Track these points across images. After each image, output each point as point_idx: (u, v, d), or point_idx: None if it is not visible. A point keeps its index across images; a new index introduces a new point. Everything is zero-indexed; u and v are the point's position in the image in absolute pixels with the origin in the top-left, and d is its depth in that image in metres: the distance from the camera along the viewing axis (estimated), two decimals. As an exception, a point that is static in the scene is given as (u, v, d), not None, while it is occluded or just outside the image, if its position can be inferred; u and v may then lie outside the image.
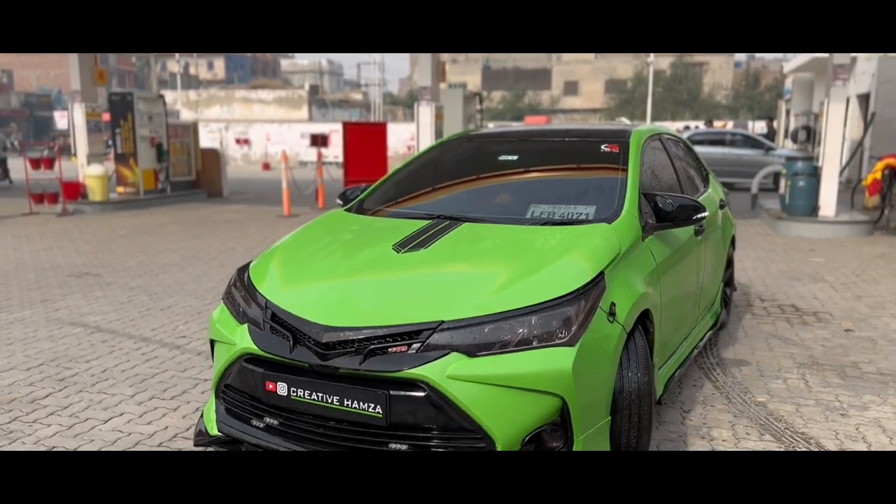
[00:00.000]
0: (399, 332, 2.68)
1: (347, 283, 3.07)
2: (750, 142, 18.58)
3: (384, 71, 55.34)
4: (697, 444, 3.51)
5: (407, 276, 3.05)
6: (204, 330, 5.46)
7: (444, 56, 23.63)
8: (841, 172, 11.39)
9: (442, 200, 4.09)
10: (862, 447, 3.46)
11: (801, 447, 3.47)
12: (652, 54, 38.28)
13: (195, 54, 63.56)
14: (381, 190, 4.24)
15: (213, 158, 16.77)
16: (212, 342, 3.25)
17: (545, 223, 3.49)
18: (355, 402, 2.67)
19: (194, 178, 16.33)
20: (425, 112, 11.81)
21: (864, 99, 18.93)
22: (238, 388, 3.00)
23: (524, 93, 51.46)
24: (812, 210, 10.64)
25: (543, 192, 3.95)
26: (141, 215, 12.91)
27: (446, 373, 2.58)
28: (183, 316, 5.89)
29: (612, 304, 2.88)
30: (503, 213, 3.76)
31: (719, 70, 52.77)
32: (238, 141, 36.79)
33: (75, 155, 14.33)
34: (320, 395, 2.73)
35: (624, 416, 2.94)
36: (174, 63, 49.20)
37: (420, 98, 11.96)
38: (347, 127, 9.94)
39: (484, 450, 2.63)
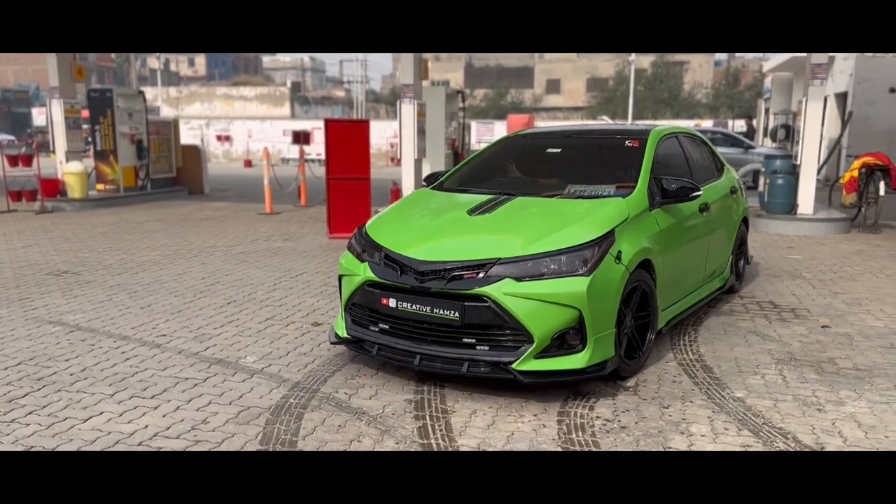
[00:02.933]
0: (471, 265, 4.00)
1: (436, 235, 4.43)
2: (729, 140, 18.74)
3: (367, 68, 55.27)
4: (676, 440, 3.55)
5: (476, 231, 4.41)
6: (184, 328, 5.44)
7: (427, 54, 23.63)
8: (819, 171, 11.53)
9: (502, 181, 5.43)
10: (838, 442, 3.52)
11: (779, 442, 3.51)
12: (633, 53, 38.49)
13: (176, 50, 63.12)
14: (457, 174, 5.61)
15: (194, 155, 16.65)
16: (340, 277, 4.63)
17: (577, 197, 4.73)
18: (441, 309, 4.00)
19: (175, 175, 16.21)
20: (408, 110, 11.80)
21: (841, 98, 19.17)
22: (361, 305, 4.40)
23: (507, 91, 51.48)
24: (790, 208, 10.76)
25: (578, 175, 5.18)
26: (121, 213, 12.79)
27: (502, 291, 3.87)
28: (163, 314, 5.85)
29: (619, 251, 4.15)
30: (547, 190, 4.98)
31: (700, 69, 53.13)
32: (219, 138, 36.55)
33: (53, 152, 14.17)
34: (418, 306, 4.08)
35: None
36: (154, 60, 48.75)
37: (402, 96, 11.94)
38: (329, 124, 9.87)
39: (523, 342, 3.90)
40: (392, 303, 4.18)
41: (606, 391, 4.17)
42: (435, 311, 4.02)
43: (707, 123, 32.69)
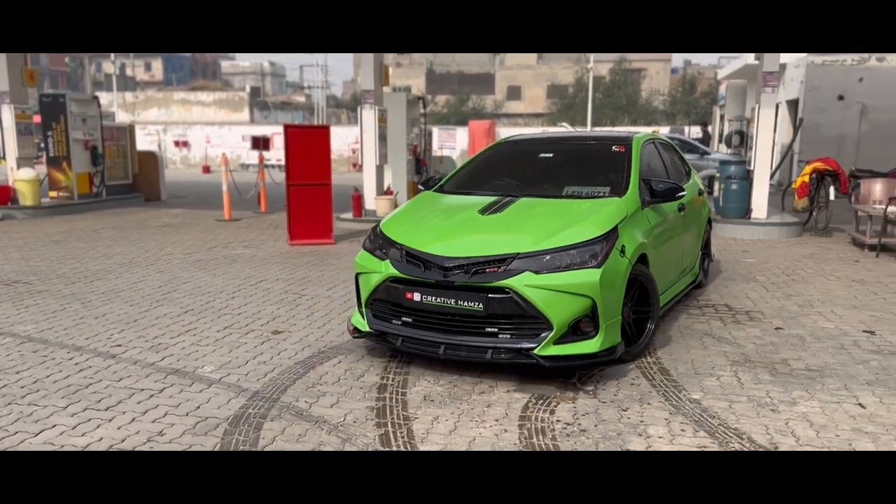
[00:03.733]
0: (492, 260, 4.32)
1: (454, 233, 4.71)
2: (686, 146, 19.07)
3: (327, 73, 54.97)
4: (635, 442, 3.60)
5: (491, 229, 4.72)
6: (140, 338, 5.34)
7: (388, 59, 23.60)
8: (772, 176, 11.80)
9: (503, 184, 5.71)
10: (791, 441, 3.60)
11: (735, 443, 3.59)
12: (592, 61, 38.99)
13: (132, 55, 61.95)
14: (455, 178, 5.91)
15: (151, 161, 16.37)
16: (357, 275, 4.88)
17: (576, 198, 5.15)
18: (466, 301, 4.29)
19: (131, 181, 15.91)
20: (369, 116, 11.78)
21: (793, 105, 19.69)
22: (383, 300, 4.65)
23: (468, 97, 51.68)
24: (745, 212, 11.01)
25: (573, 177, 5.55)
26: (75, 220, 12.50)
27: (523, 283, 4.20)
28: (118, 324, 5.73)
29: (623, 246, 4.54)
30: (547, 191, 5.37)
31: (657, 76, 54.03)
32: (177, 143, 35.98)
33: (4, 158, 13.79)
34: (442, 298, 4.36)
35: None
36: (110, 64, 47.81)
37: (363, 101, 11.92)
38: (289, 130, 9.78)
39: (543, 330, 4.23)
40: (417, 297, 4.45)
41: (567, 395, 4.21)
42: (459, 303, 4.32)
43: (664, 130, 33.27)
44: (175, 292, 6.83)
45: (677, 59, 73.71)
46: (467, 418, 3.88)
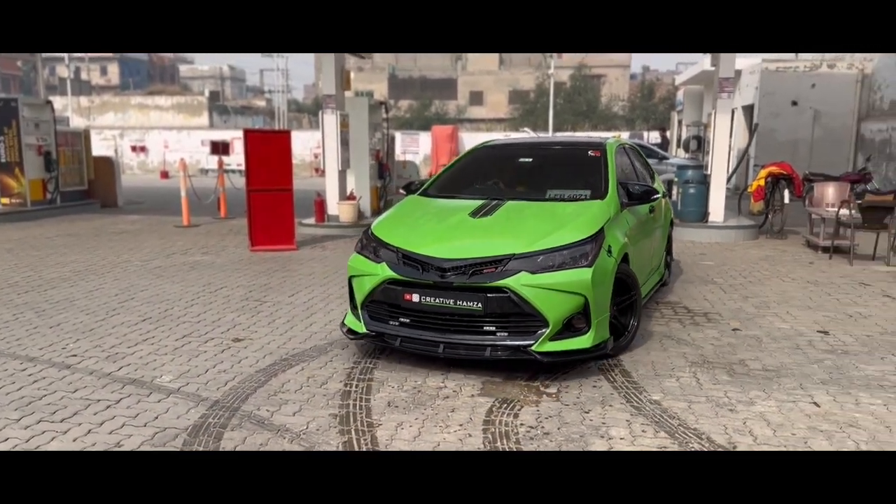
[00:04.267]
0: (489, 261, 4.48)
1: (449, 236, 4.82)
2: (645, 151, 19.36)
3: (288, 77, 54.54)
4: (597, 444, 3.63)
5: (483, 231, 4.84)
6: (96, 347, 5.22)
7: (350, 63, 23.50)
8: (728, 180, 12.05)
9: (486, 187, 5.90)
10: (749, 441, 3.67)
11: (694, 443, 3.64)
12: (553, 66, 39.35)
13: (86, 58, 60.63)
14: (438, 182, 6.02)
15: (107, 167, 16.05)
16: (350, 278, 4.96)
17: (560, 200, 5.37)
18: (465, 301, 4.44)
19: (86, 187, 15.57)
20: (330, 120, 11.70)
21: (748, 110, 20.13)
22: (381, 301, 4.73)
23: (431, 102, 51.70)
24: (702, 216, 11.20)
25: (554, 181, 5.75)
26: (28, 228, 12.17)
27: (520, 282, 4.37)
28: (73, 333, 5.60)
29: (609, 246, 4.73)
30: (532, 195, 5.58)
31: (616, 82, 54.72)
32: (134, 148, 35.33)
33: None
34: (441, 299, 4.49)
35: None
36: (64, 68, 46.77)
37: (325, 106, 11.85)
38: (249, 135, 9.66)
39: (539, 327, 4.40)
40: (415, 298, 4.57)
41: (530, 398, 4.23)
42: (458, 303, 4.46)
43: (624, 135, 33.73)
44: (132, 300, 6.70)
45: (636, 65, 74.93)
46: (431, 423, 3.87)
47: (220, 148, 14.86)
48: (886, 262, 8.71)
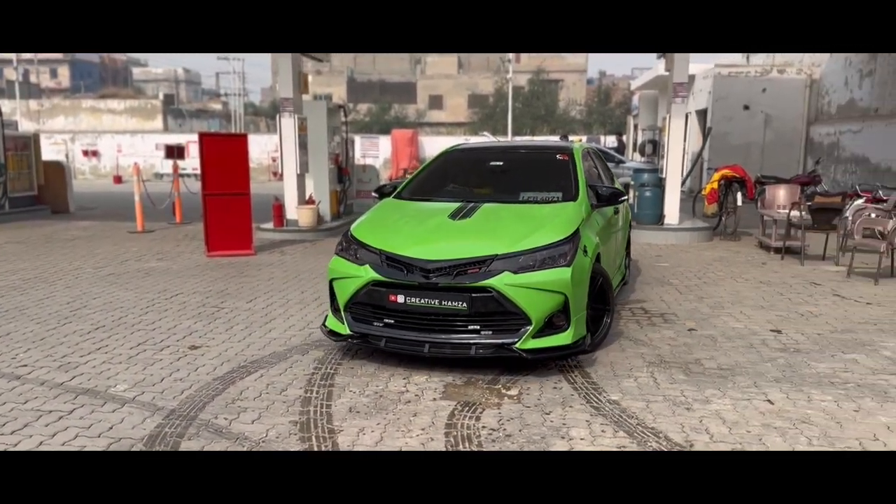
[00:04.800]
0: (473, 261, 4.60)
1: (431, 238, 4.90)
2: (602, 155, 19.60)
3: (245, 80, 53.81)
4: (558, 444, 3.66)
5: (464, 233, 4.94)
6: (48, 357, 5.08)
7: (308, 67, 23.33)
8: (683, 183, 12.27)
9: (460, 190, 6.03)
10: (705, 438, 3.74)
11: (652, 442, 3.69)
12: (511, 71, 39.62)
13: (36, 60, 59.04)
14: (411, 186, 6.10)
15: (58, 172, 15.65)
16: (332, 281, 5.01)
17: (534, 202, 5.53)
18: (450, 301, 4.55)
19: (36, 193, 15.14)
20: (288, 124, 11.59)
21: (702, 114, 20.54)
22: (365, 303, 4.79)
23: (390, 106, 51.58)
24: (658, 218, 11.39)
25: (526, 184, 5.87)
26: (-27, 234, 11.79)
27: (504, 282, 4.50)
28: (24, 343, 5.43)
29: (585, 246, 4.90)
30: (506, 197, 5.66)
31: (573, 87, 55.33)
32: (86, 153, 34.50)
33: None
34: (426, 300, 4.58)
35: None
36: (12, 70, 45.49)
37: (282, 109, 11.73)
38: (205, 138, 9.51)
39: (522, 325, 4.54)
40: (400, 299, 4.64)
41: (492, 401, 4.25)
42: (443, 303, 4.56)
43: (581, 139, 34.13)
44: (85, 308, 6.54)
45: (592, 69, 75.91)
46: (393, 428, 3.86)
47: (174, 152, 14.60)
48: (836, 262, 8.97)
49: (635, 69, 45.87)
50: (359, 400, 4.27)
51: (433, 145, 32.36)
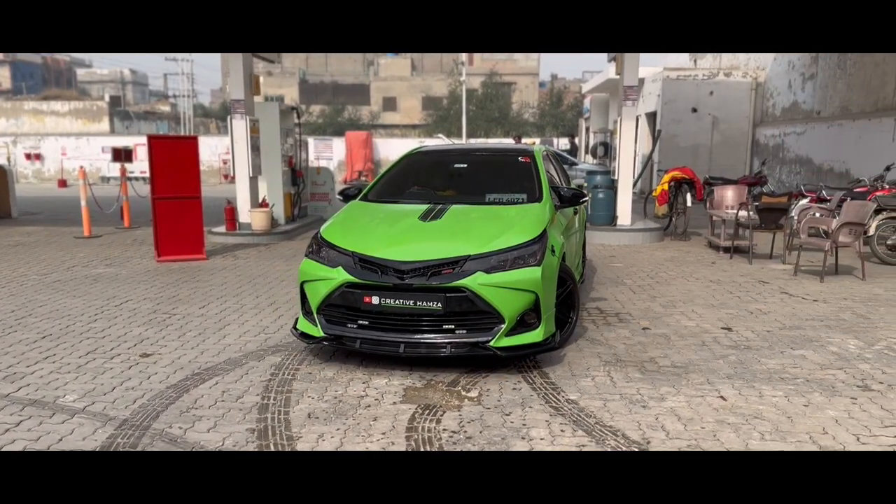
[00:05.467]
0: (447, 262, 4.67)
1: (403, 239, 4.96)
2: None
3: (194, 82, 52.80)
4: (518, 445, 3.67)
5: (436, 234, 5.01)
6: (-9, 367, 4.90)
7: (259, 68, 23.02)
8: (634, 184, 12.47)
9: (426, 192, 6.06)
10: (661, 436, 3.80)
11: (610, 440, 3.74)
12: (464, 73, 39.77)
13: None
14: (376, 188, 6.13)
15: (-1, 176, 15.11)
16: (303, 284, 5.02)
17: (499, 204, 5.65)
18: (424, 301, 4.62)
19: (-25, 197, 14.61)
20: (239, 126, 11.41)
21: (651, 117, 20.92)
22: (338, 305, 4.81)
23: (344, 107, 51.23)
24: (611, 219, 11.56)
25: (490, 186, 6.00)
26: None
27: (477, 282, 4.58)
28: (-36, 353, 5.23)
29: (552, 246, 5.01)
30: (472, 199, 5.77)
31: (526, 90, 55.82)
32: (28, 156, 33.38)
33: None
34: (401, 300, 4.64)
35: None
36: (-53, 69, 43.79)
37: (234, 111, 11.54)
38: (154, 141, 9.29)
39: (495, 324, 4.63)
40: (375, 300, 4.68)
41: (452, 403, 4.24)
42: (418, 303, 4.62)
43: (535, 141, 34.42)
44: (30, 316, 6.32)
45: (544, 73, 76.69)
46: (353, 433, 3.83)
47: (122, 155, 14.20)
48: (783, 260, 9.23)
49: (586, 72, 46.60)
50: (317, 405, 4.22)
51: (387, 147, 32.29)
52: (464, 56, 43.79)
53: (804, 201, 10.64)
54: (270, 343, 5.50)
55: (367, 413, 4.10)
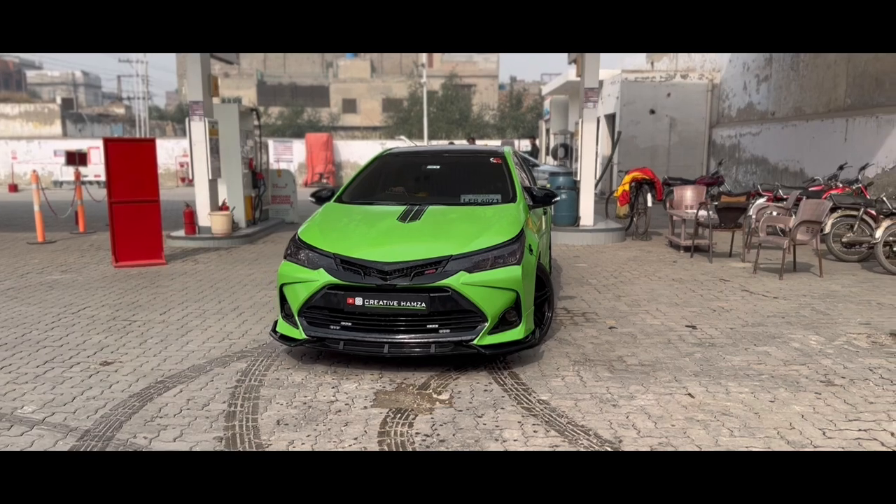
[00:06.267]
0: (429, 262, 4.70)
1: (385, 240, 5.00)
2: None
3: (149, 84, 51.70)
4: (491, 446, 3.66)
5: (416, 235, 5.04)
6: (-58, 379, 4.70)
7: (216, 69, 22.66)
8: (596, 185, 12.58)
9: (401, 193, 6.12)
10: (633, 434, 3.82)
11: (582, 439, 3.74)
12: (425, 76, 39.77)
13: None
14: (349, 190, 6.13)
15: (-55, 180, 14.60)
16: (282, 286, 4.98)
17: (475, 205, 5.71)
18: (408, 301, 4.64)
19: (-80, 203, 14.08)
20: (198, 128, 11.21)
21: (611, 119, 21.18)
22: (321, 307, 4.79)
23: (303, 109, 50.76)
24: (574, 220, 11.65)
25: (464, 187, 6.08)
26: None
27: (460, 281, 4.64)
28: (-87, 365, 5.01)
29: (530, 245, 5.08)
30: (447, 200, 5.82)
31: (486, 91, 56.03)
32: (-24, 160, 32.33)
33: None
34: (385, 301, 4.66)
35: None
36: None
37: (192, 113, 11.33)
38: (109, 144, 9.05)
39: (478, 323, 4.70)
40: (359, 301, 4.68)
41: (424, 406, 4.21)
42: (402, 303, 4.65)
43: (496, 143, 34.58)
44: (-18, 325, 6.10)
45: (503, 75, 77.06)
46: (325, 439, 3.76)
47: (76, 158, 13.87)
48: (742, 258, 9.41)
49: (545, 75, 46.98)
50: (287, 412, 4.15)
51: (348, 149, 32.08)
52: (423, 58, 43.81)
53: (761, 200, 10.87)
54: (235, 349, 5.40)
55: (338, 418, 4.04)
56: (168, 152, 30.36)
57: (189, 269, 8.91)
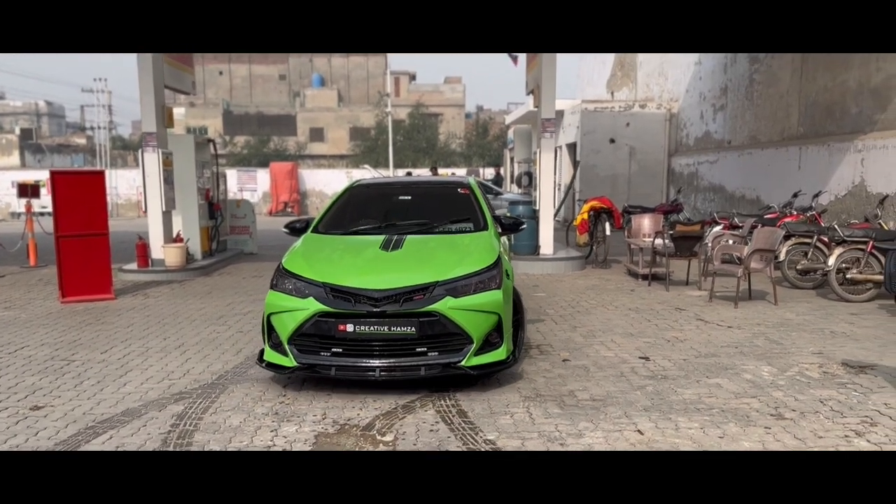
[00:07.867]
0: (417, 289, 4.91)
1: (372, 269, 5.18)
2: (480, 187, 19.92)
3: (112, 113, 51.05)
4: (431, 493, 3.51)
5: (402, 263, 5.25)
6: None
7: (181, 99, 22.44)
8: (556, 214, 12.60)
9: (376, 223, 6.25)
10: (577, 474, 3.70)
11: (526, 482, 3.61)
12: (390, 104, 39.90)
13: None
14: (323, 221, 6.27)
15: None
16: (269, 316, 5.09)
17: (449, 233, 5.97)
18: (398, 327, 4.83)
19: None
20: (151, 159, 11.00)
21: (572, 148, 21.35)
22: (311, 334, 4.92)
23: (269, 138, 50.53)
24: (534, 249, 11.62)
25: (436, 216, 6.28)
26: None
27: (447, 306, 4.86)
28: None
29: (506, 270, 5.36)
30: (422, 229, 6.04)
31: (453, 121, 56.45)
32: (-71, 191, 31.53)
33: None
34: (376, 327, 4.83)
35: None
36: None
37: (145, 145, 11.12)
38: (56, 176, 8.83)
39: (465, 345, 4.92)
40: (350, 327, 4.84)
41: (365, 448, 4.05)
42: (392, 329, 4.83)
43: (461, 171, 34.70)
44: None
45: (470, 104, 77.70)
46: (255, 488, 3.58)
47: (28, 191, 13.55)
48: (699, 286, 9.43)
49: (511, 104, 47.40)
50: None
51: (314, 178, 31.94)
52: (390, 87, 43.98)
53: (717, 228, 10.94)
54: (174, 390, 5.19)
55: (273, 464, 3.86)
56: (130, 182, 29.97)
57: (138, 304, 8.65)
